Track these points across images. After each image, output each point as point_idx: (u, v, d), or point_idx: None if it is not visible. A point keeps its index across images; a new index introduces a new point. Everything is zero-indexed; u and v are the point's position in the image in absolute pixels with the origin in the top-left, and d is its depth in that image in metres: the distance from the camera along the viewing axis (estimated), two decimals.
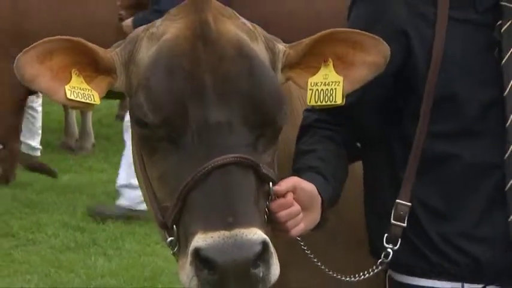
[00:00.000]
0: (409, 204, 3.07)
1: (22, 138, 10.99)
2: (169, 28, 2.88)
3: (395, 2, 3.14)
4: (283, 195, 2.84)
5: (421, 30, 3.05)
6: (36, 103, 11.48)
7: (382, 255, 3.10)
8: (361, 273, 3.12)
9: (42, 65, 2.93)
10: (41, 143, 11.74)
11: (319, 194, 2.95)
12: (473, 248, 3.02)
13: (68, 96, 2.91)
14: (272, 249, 2.61)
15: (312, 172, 2.99)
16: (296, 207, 2.84)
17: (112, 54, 2.98)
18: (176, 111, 2.72)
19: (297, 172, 3.01)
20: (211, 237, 2.52)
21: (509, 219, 2.97)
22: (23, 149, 11.00)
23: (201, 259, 2.51)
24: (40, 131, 11.29)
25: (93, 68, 2.98)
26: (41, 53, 2.93)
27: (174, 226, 2.68)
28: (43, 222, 8.94)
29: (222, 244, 2.51)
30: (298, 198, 2.88)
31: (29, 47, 2.92)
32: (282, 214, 2.81)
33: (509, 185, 3.01)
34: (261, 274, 2.56)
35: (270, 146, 2.85)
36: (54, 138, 12.07)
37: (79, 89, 2.95)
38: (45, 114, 12.67)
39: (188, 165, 2.66)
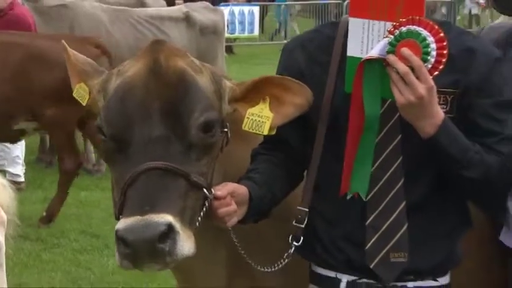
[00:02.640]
0: (307, 210, 3.12)
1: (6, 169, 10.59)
2: (131, 66, 2.95)
3: (300, 50, 3.22)
4: (225, 196, 2.89)
5: (316, 74, 3.11)
6: None
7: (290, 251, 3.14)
8: (275, 265, 3.14)
9: (68, 59, 3.23)
10: None
11: (249, 194, 2.99)
12: (352, 249, 3.04)
13: (74, 93, 3.17)
14: (180, 230, 2.65)
15: (248, 180, 3.04)
16: (233, 206, 2.92)
17: (94, 83, 3.15)
18: (124, 128, 2.82)
19: (238, 181, 3.06)
20: (128, 221, 2.60)
21: (366, 223, 3.01)
22: (7, 176, 10.17)
23: (118, 238, 2.60)
24: (19, 160, 10.76)
25: None
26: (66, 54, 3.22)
27: (120, 217, 2.72)
28: (66, 230, 8.97)
29: (134, 225, 2.58)
30: (235, 198, 2.94)
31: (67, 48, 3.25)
32: (222, 211, 2.88)
33: (369, 196, 3.02)
34: (167, 249, 2.60)
35: (203, 156, 2.88)
36: None
37: (82, 91, 3.16)
38: None
39: (131, 171, 2.73)
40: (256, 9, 26.98)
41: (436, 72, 2.77)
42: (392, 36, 2.79)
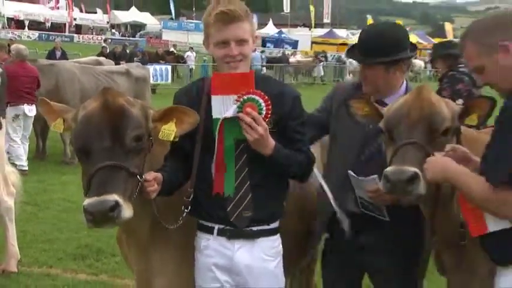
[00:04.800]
0: (192, 190, 3.09)
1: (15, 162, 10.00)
2: (91, 103, 2.91)
3: (184, 95, 3.18)
4: (151, 180, 2.88)
5: (196, 107, 3.03)
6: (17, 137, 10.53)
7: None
8: (174, 224, 3.09)
9: (48, 108, 3.07)
10: (52, 161, 11.80)
11: (163, 178, 2.95)
12: (220, 211, 3.05)
13: (52, 127, 3.04)
14: (123, 203, 2.66)
15: (162, 171, 2.97)
16: (156, 186, 2.89)
17: (69, 115, 3.00)
18: (86, 143, 2.80)
19: (156, 171, 2.97)
20: (90, 200, 2.61)
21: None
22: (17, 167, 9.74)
23: (84, 210, 2.61)
24: (22, 157, 10.50)
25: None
26: (47, 105, 3.07)
27: (87, 195, 2.69)
28: (53, 199, 8.97)
29: (94, 202, 2.59)
30: (156, 181, 2.90)
31: (48, 102, 3.08)
32: (149, 189, 2.86)
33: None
34: (115, 215, 2.60)
35: (137, 156, 2.85)
36: (59, 157, 11.77)
37: (59, 124, 3.02)
38: (53, 147, 12.57)
39: (92, 168, 2.72)
40: (169, 67, 28.49)
41: (267, 119, 2.92)
42: (239, 102, 2.91)
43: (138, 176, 2.82)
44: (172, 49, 35.95)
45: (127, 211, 2.69)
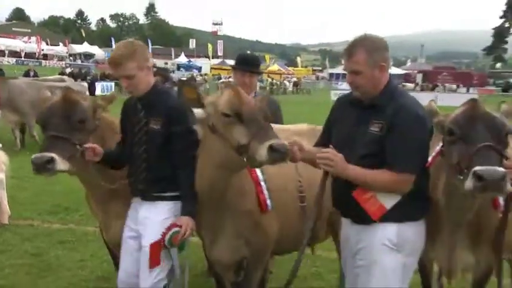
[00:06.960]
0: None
1: None
2: (56, 97, 2.84)
3: (126, 105, 3.00)
4: (89, 148, 2.76)
5: (136, 114, 2.87)
6: None
7: None
8: (115, 185, 2.97)
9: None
10: (34, 148, 10.44)
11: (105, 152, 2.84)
12: (134, 183, 2.92)
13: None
14: (58, 159, 2.55)
15: (107, 150, 2.89)
16: (91, 154, 2.78)
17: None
18: (46, 121, 2.74)
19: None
20: (36, 154, 2.55)
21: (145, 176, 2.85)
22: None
23: (31, 161, 2.53)
24: None
25: None
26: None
27: None
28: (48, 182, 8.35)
29: (37, 155, 2.52)
30: (95, 150, 2.78)
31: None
32: (88, 154, 2.75)
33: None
34: (50, 166, 2.52)
35: (80, 133, 2.76)
36: (39, 146, 10.86)
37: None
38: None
39: (45, 137, 2.67)
40: (113, 83, 26.56)
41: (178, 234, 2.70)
42: (167, 247, 2.69)
43: (78, 146, 2.71)
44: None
45: (61, 165, 2.57)
